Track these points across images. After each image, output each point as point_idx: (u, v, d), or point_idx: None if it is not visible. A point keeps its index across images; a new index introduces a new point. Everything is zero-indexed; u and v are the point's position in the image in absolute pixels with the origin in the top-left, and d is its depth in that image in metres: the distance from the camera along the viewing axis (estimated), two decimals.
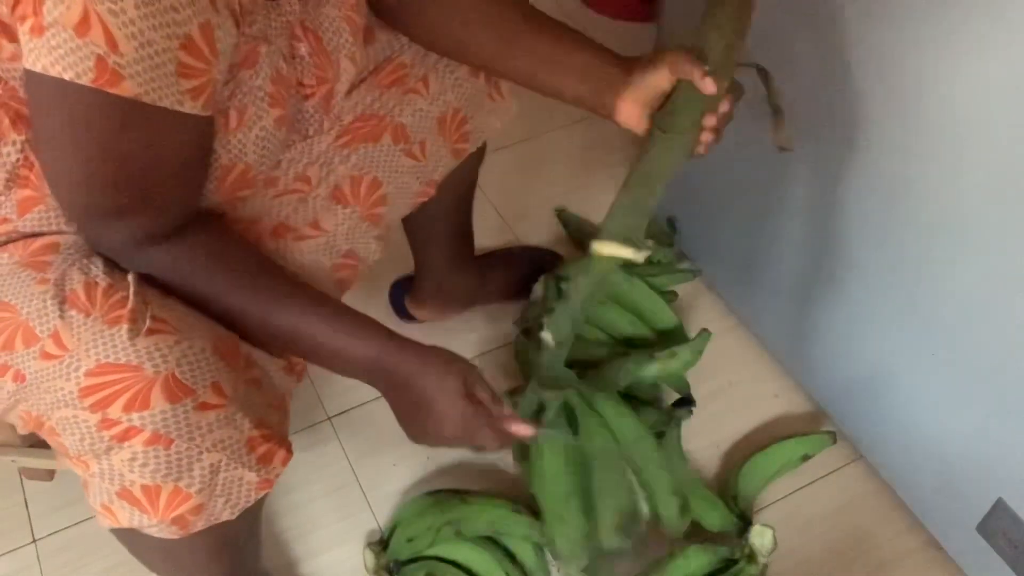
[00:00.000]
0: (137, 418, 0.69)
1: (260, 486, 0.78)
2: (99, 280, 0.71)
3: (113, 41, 0.61)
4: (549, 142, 1.70)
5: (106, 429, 0.70)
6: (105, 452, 0.71)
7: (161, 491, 0.73)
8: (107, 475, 0.73)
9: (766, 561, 1.08)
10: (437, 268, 1.33)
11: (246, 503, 0.78)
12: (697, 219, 1.39)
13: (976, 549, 1.05)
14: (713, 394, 1.31)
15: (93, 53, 0.61)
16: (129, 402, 0.69)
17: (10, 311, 0.71)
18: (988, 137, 0.86)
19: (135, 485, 0.72)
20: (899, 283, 1.04)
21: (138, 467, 0.71)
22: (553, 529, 1.09)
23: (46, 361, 0.69)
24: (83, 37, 0.61)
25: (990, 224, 0.90)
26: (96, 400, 0.69)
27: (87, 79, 0.62)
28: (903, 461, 1.16)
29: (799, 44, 1.04)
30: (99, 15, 0.60)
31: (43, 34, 0.61)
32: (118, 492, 0.73)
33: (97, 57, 0.62)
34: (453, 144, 1.02)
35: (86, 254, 0.75)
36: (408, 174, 0.97)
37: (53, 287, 0.71)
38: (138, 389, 0.69)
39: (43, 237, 0.78)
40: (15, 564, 1.16)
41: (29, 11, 0.61)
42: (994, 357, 0.95)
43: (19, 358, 0.71)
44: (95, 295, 0.70)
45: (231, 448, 0.74)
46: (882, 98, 0.96)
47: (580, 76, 0.88)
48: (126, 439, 0.70)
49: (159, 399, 0.69)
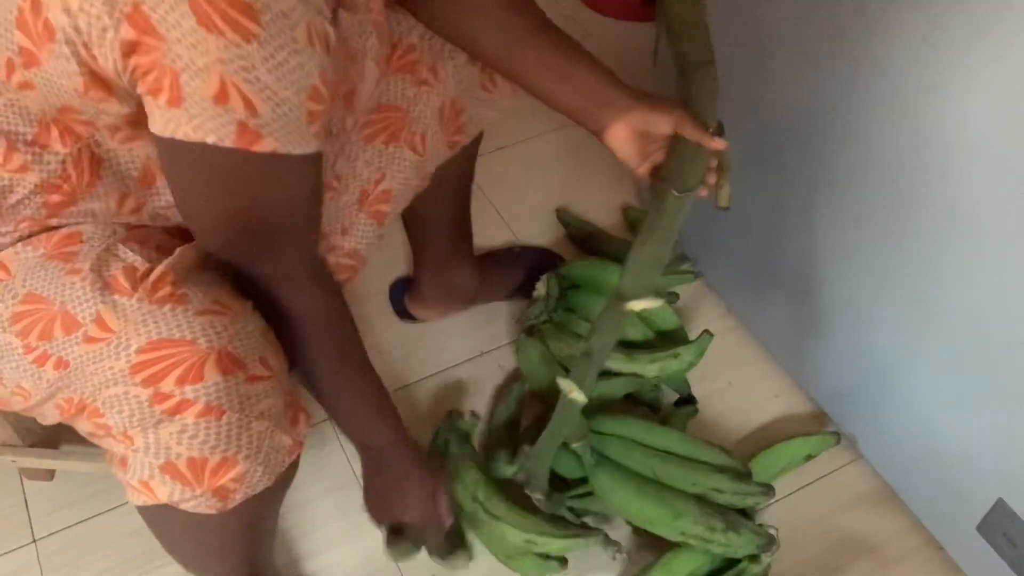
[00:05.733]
0: (191, 391, 0.72)
1: (292, 448, 0.82)
2: (137, 264, 0.75)
3: (252, 106, 0.65)
4: (549, 142, 1.70)
5: (158, 403, 0.72)
6: (154, 426, 0.73)
7: (208, 462, 0.75)
8: (152, 449, 0.74)
9: (769, 561, 1.08)
10: (437, 266, 1.33)
11: (281, 467, 0.81)
12: (698, 220, 1.39)
13: (976, 549, 1.05)
14: (713, 394, 1.31)
15: (234, 119, 0.65)
16: (182, 376, 0.71)
17: (44, 303, 0.74)
18: (989, 138, 0.86)
19: (181, 458, 0.74)
20: (899, 283, 1.04)
21: (187, 439, 0.73)
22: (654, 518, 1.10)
23: (91, 344, 0.72)
24: (222, 105, 0.65)
25: (991, 224, 0.90)
26: (148, 375, 0.71)
27: (229, 141, 0.66)
28: (903, 461, 1.16)
29: (798, 45, 1.04)
30: (236, 85, 0.64)
31: (181, 105, 0.65)
32: (162, 466, 0.75)
33: (238, 123, 0.66)
34: (450, 136, 1.03)
35: (112, 241, 0.78)
36: (410, 169, 0.99)
37: (91, 274, 0.74)
38: (191, 363, 0.72)
39: (63, 229, 0.80)
40: (15, 564, 1.16)
41: (164, 85, 0.64)
42: (994, 357, 0.95)
43: (59, 345, 0.73)
44: (135, 278, 0.74)
45: (275, 416, 0.78)
46: (883, 99, 0.96)
47: (579, 88, 0.91)
48: (177, 412, 0.72)
49: (212, 372, 0.72)
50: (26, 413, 0.81)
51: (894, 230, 1.02)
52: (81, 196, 0.78)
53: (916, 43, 0.88)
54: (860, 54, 0.96)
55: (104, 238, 0.79)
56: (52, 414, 0.79)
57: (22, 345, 0.74)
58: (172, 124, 0.66)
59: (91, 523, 1.19)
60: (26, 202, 0.77)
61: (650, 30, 1.41)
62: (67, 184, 0.77)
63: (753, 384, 1.34)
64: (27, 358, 0.74)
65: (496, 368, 1.36)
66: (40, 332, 0.73)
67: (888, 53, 0.92)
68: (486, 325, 1.41)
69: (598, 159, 1.68)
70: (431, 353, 1.37)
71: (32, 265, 0.76)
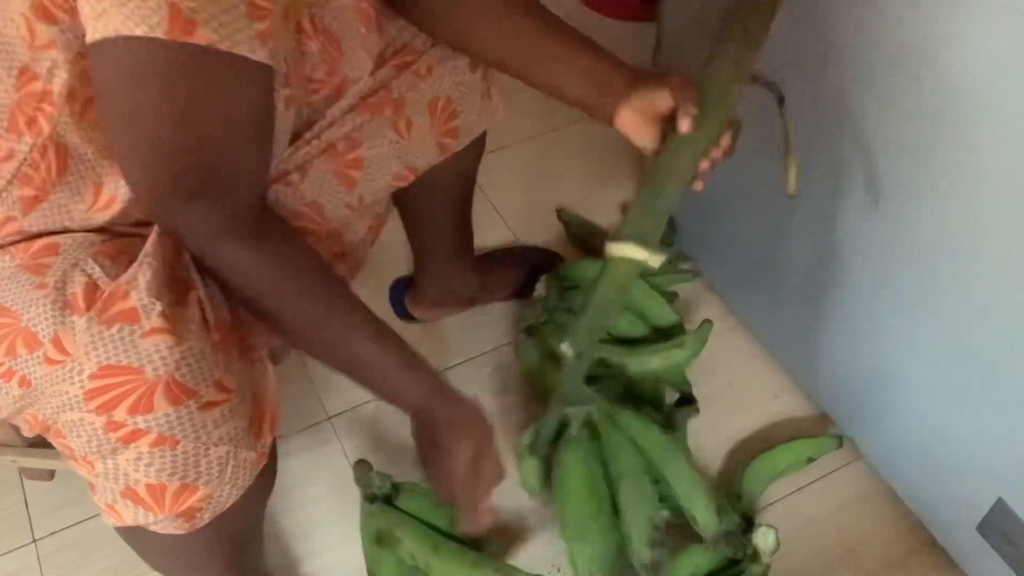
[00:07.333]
0: (142, 421, 0.69)
1: (258, 460, 0.79)
2: (100, 281, 0.71)
3: None
4: (549, 142, 1.70)
5: (113, 431, 0.70)
6: (111, 453, 0.71)
7: (167, 489, 0.73)
8: (112, 475, 0.73)
9: (769, 561, 1.08)
10: (437, 267, 1.33)
11: (247, 481, 0.79)
12: (698, 220, 1.39)
13: (976, 549, 1.05)
14: (713, 394, 1.31)
15: (165, 2, 0.60)
16: (133, 405, 0.69)
17: (11, 317, 0.71)
18: (990, 139, 0.86)
19: (140, 484, 0.73)
20: (900, 284, 1.04)
21: (143, 467, 0.72)
22: (573, 548, 1.09)
23: (50, 366, 0.69)
24: None
25: (991, 225, 0.90)
26: (102, 402, 0.69)
27: (161, 31, 0.61)
28: (903, 461, 1.16)
29: (804, 44, 1.04)
30: None
31: None
32: (122, 492, 0.74)
33: (170, 5, 0.60)
34: (439, 136, 1.01)
35: (87, 254, 0.74)
36: (389, 148, 0.96)
37: (53, 291, 0.70)
38: (140, 393, 0.69)
39: (44, 238, 0.77)
40: (15, 564, 1.16)
41: None
42: (995, 358, 0.95)
43: (23, 363, 0.71)
44: (94, 297, 0.70)
45: (237, 438, 0.75)
46: (885, 101, 0.96)
47: (585, 79, 0.90)
48: (132, 440, 0.70)
49: (162, 402, 0.69)
50: (7, 421, 0.80)
51: (895, 230, 1.02)
52: (52, 189, 0.76)
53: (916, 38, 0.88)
54: (861, 51, 0.96)
55: (79, 250, 0.75)
56: (25, 427, 0.78)
57: None
58: (102, 20, 0.62)
59: (91, 523, 1.19)
60: (3, 195, 0.75)
61: (650, 30, 1.40)
62: (37, 175, 0.74)
63: (753, 384, 1.34)
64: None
65: (496, 369, 1.36)
66: (7, 348, 0.71)
67: (896, 49, 0.92)
68: (486, 325, 1.41)
69: (598, 159, 1.68)
70: (431, 353, 1.37)
71: (6, 276, 0.73)
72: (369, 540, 1.12)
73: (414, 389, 0.87)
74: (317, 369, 1.35)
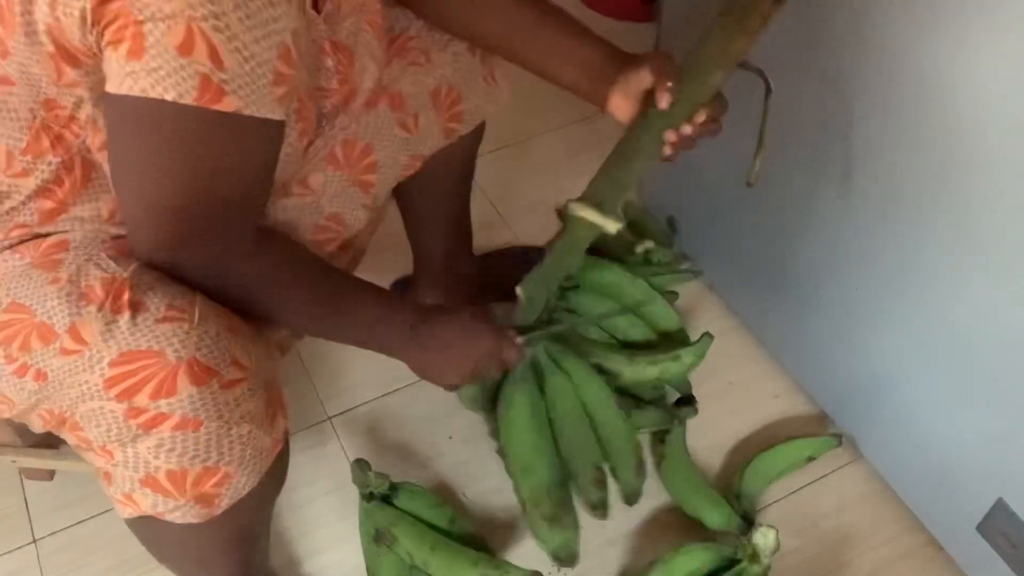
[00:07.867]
0: (165, 404, 0.70)
1: (274, 446, 0.81)
2: (116, 274, 0.73)
3: (218, 57, 0.62)
4: (548, 142, 1.70)
5: (133, 418, 0.71)
6: (131, 441, 0.72)
7: (188, 474, 0.74)
8: (131, 463, 0.74)
9: (769, 561, 1.08)
10: (436, 263, 1.33)
11: (264, 467, 0.80)
12: (698, 219, 1.39)
13: (976, 549, 1.05)
14: (713, 394, 1.31)
15: (197, 72, 0.62)
16: (156, 389, 0.70)
17: (26, 312, 0.72)
18: (990, 141, 0.86)
19: (160, 471, 0.74)
20: (900, 284, 1.04)
21: (164, 452, 0.72)
22: (519, 479, 1.12)
23: (67, 357, 0.71)
24: (187, 56, 0.61)
25: (991, 226, 0.90)
26: (122, 389, 0.70)
27: (190, 98, 0.63)
28: (903, 461, 1.16)
29: (802, 42, 1.04)
30: (203, 32, 0.61)
31: (142, 56, 0.61)
32: (142, 479, 0.75)
33: (201, 76, 0.62)
34: (445, 122, 1.02)
35: (97, 249, 0.76)
36: (399, 145, 0.98)
37: (68, 284, 0.72)
38: (164, 375, 0.70)
39: (52, 236, 0.79)
40: (15, 564, 1.16)
41: (126, 35, 0.61)
42: (994, 357, 0.95)
43: (38, 357, 0.72)
44: (110, 288, 0.72)
45: (257, 417, 0.76)
46: (885, 101, 0.96)
47: (581, 67, 0.93)
48: (153, 426, 0.71)
49: (185, 383, 0.70)
50: (16, 419, 0.81)
51: (895, 231, 1.02)
52: (73, 203, 0.77)
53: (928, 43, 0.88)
54: (862, 51, 0.96)
55: (89, 247, 0.76)
56: (37, 423, 0.78)
57: (3, 355, 0.73)
58: (129, 79, 0.63)
59: (91, 523, 1.19)
60: (20, 208, 0.76)
61: (650, 30, 1.41)
62: (60, 190, 0.76)
63: (753, 384, 1.34)
64: (8, 368, 0.73)
65: None
66: (21, 343, 0.72)
67: (893, 51, 0.92)
68: None
69: (598, 158, 1.68)
70: None
71: (17, 273, 0.75)
72: (368, 539, 1.12)
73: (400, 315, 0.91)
74: (317, 369, 1.35)
